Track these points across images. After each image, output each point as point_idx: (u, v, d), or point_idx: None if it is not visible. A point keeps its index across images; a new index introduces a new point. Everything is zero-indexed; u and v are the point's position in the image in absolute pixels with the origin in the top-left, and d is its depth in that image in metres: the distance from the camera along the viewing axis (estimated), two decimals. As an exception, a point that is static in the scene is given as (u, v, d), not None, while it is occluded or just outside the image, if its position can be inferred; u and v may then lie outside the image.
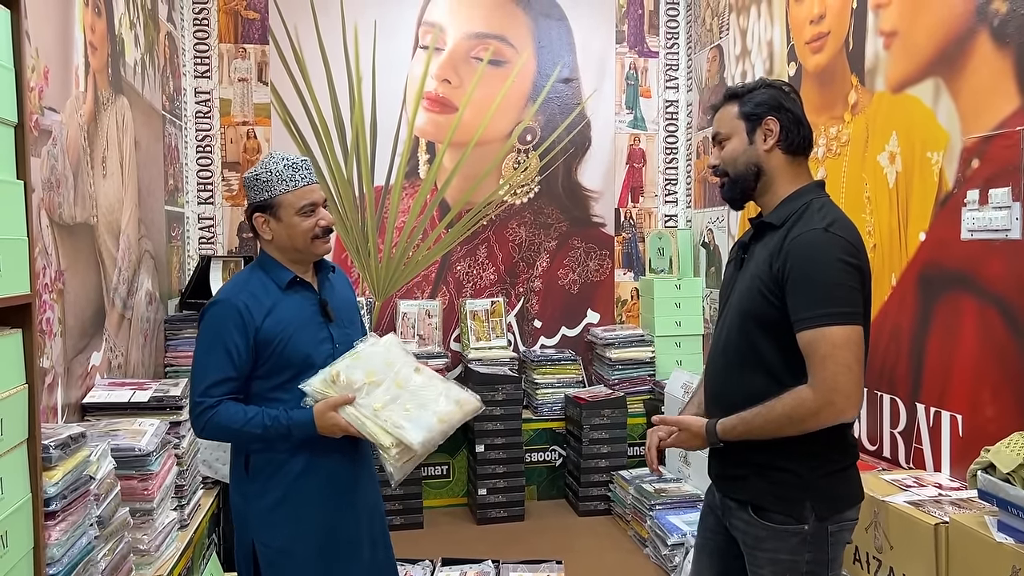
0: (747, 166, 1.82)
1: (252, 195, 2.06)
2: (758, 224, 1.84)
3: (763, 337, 1.75)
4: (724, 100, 1.88)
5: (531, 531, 4.15)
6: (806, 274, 1.67)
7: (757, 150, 1.81)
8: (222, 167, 4.57)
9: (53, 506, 1.70)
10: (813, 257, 1.68)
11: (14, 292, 1.50)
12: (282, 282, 2.06)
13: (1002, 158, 2.45)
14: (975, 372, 2.56)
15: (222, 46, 4.55)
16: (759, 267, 1.76)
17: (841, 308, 1.65)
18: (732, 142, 1.84)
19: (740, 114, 1.83)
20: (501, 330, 4.72)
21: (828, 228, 1.70)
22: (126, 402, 2.65)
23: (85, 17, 2.74)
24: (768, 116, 1.80)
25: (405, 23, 4.72)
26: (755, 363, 1.76)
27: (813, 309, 1.65)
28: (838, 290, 1.66)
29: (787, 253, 1.70)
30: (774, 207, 1.81)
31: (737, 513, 1.83)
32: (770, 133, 1.80)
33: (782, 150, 1.81)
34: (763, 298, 1.73)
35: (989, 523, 2.04)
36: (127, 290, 3.17)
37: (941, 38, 2.71)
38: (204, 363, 2.00)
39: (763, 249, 1.78)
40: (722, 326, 1.87)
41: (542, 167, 4.89)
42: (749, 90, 1.84)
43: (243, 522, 2.06)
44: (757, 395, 1.73)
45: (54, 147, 2.40)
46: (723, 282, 1.97)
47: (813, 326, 1.65)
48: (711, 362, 1.91)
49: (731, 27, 4.35)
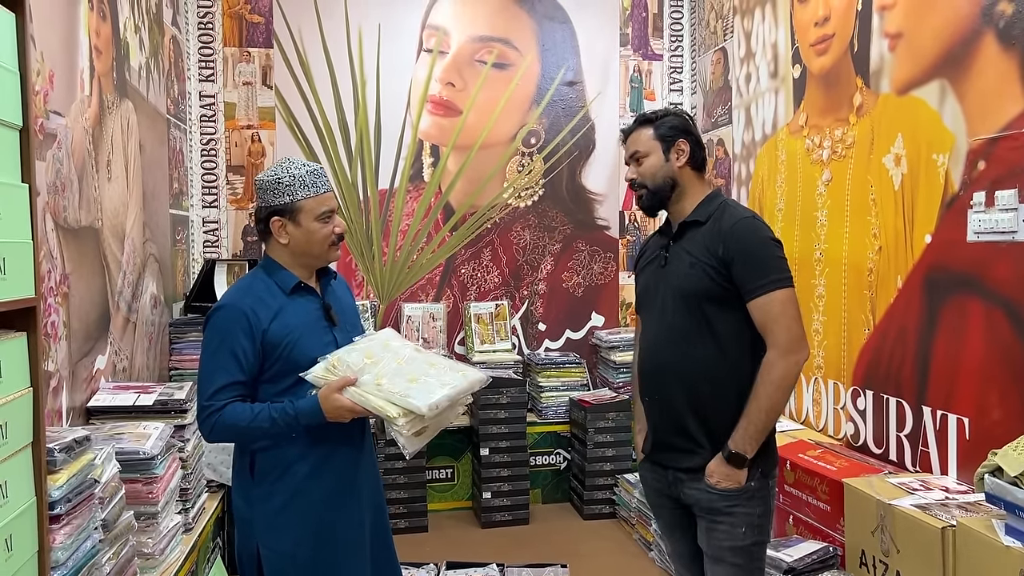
0: (664, 179, 2.14)
1: (270, 198, 2.04)
2: (682, 224, 2.13)
3: (711, 310, 2.04)
4: (638, 124, 2.19)
5: (536, 535, 4.14)
6: (749, 251, 2.01)
7: (672, 166, 2.14)
8: (226, 171, 4.57)
9: (58, 510, 1.71)
10: (751, 239, 2.02)
11: (19, 295, 1.50)
12: (287, 286, 2.06)
13: (1008, 160, 2.44)
14: (982, 375, 2.55)
15: (226, 50, 4.56)
16: (698, 254, 2.05)
17: (781, 275, 2.00)
18: (650, 159, 2.15)
19: (656, 136, 2.15)
20: (505, 333, 4.71)
21: (754, 217, 2.09)
22: (131, 405, 2.66)
23: (90, 21, 2.74)
24: (680, 139, 2.14)
25: (409, 26, 4.72)
26: (702, 335, 2.05)
27: (761, 279, 1.99)
28: (776, 261, 2.02)
29: (727, 238, 2.02)
30: (690, 211, 2.13)
31: (689, 483, 2.08)
32: (682, 152, 2.14)
33: (690, 167, 2.15)
34: (709, 279, 2.03)
35: (996, 527, 2.03)
36: (132, 293, 3.17)
37: (946, 40, 2.71)
38: (211, 367, 1.99)
39: (691, 242, 2.09)
40: (661, 312, 2.13)
41: (546, 170, 4.89)
42: (660, 116, 2.17)
43: (247, 526, 2.06)
44: (706, 362, 2.04)
45: (59, 151, 2.40)
46: (643, 281, 2.24)
47: (764, 292, 1.98)
48: (655, 345, 2.15)
49: (735, 29, 4.34)
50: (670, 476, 2.13)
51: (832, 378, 3.37)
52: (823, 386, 3.44)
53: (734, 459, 2.00)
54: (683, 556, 2.23)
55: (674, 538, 2.24)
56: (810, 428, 3.51)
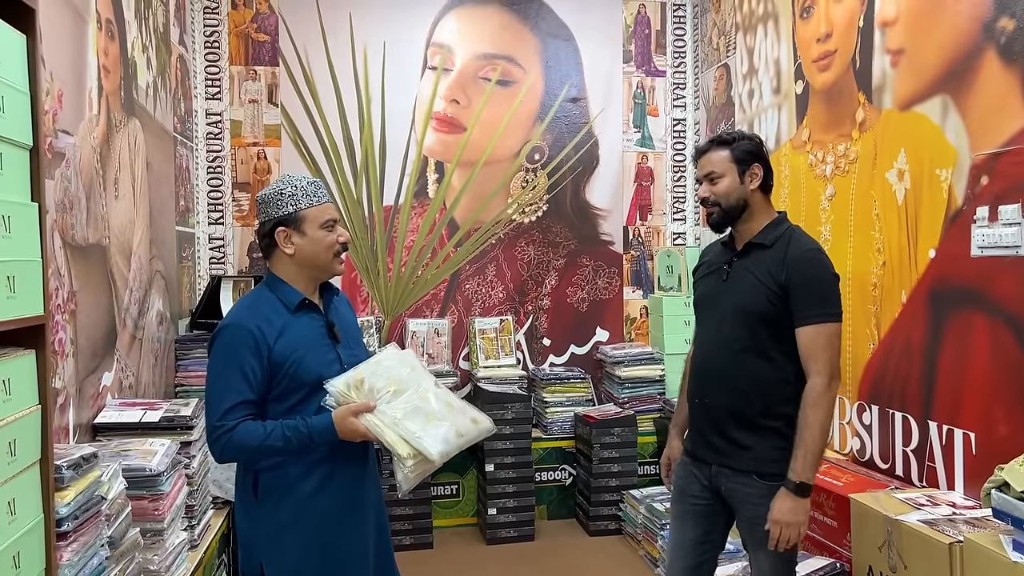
0: (737, 200, 2.25)
1: (273, 210, 2.06)
2: (748, 244, 2.25)
3: (764, 329, 2.17)
4: (715, 145, 2.29)
5: (541, 551, 4.12)
6: (811, 282, 2.15)
7: (746, 188, 2.25)
8: (232, 188, 4.60)
9: (65, 527, 1.71)
10: (814, 271, 2.17)
11: (28, 313, 1.51)
12: (292, 303, 2.07)
13: (1011, 175, 2.45)
14: (987, 389, 2.54)
15: (233, 68, 4.59)
16: (761, 276, 2.18)
17: (835, 309, 2.15)
18: (725, 180, 2.25)
19: (732, 158, 2.25)
20: (510, 348, 4.72)
21: (819, 250, 2.21)
22: (137, 422, 2.66)
23: (98, 41, 2.77)
24: (755, 163, 2.25)
25: (414, 44, 4.76)
26: (756, 350, 2.18)
27: (814, 309, 2.12)
28: (833, 296, 2.16)
29: (791, 266, 2.15)
30: (757, 232, 2.25)
31: (735, 478, 2.22)
32: (755, 176, 2.25)
33: (761, 190, 2.27)
34: (768, 301, 2.16)
35: (1004, 542, 2.02)
36: (138, 310, 3.19)
37: (948, 56, 2.72)
38: (219, 387, 1.98)
39: (756, 263, 2.22)
40: (719, 323, 2.27)
41: (550, 186, 4.91)
42: (736, 139, 2.27)
43: (250, 545, 2.05)
44: (757, 374, 2.18)
45: (67, 169, 2.43)
46: (704, 289, 2.38)
47: (815, 322, 2.12)
48: (708, 353, 2.31)
49: (738, 46, 4.37)
50: (713, 469, 2.28)
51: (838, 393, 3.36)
52: (829, 401, 3.43)
53: (800, 489, 2.09)
54: (687, 543, 2.36)
55: (685, 526, 2.36)
56: (816, 443, 3.50)
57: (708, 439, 2.29)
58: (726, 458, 2.24)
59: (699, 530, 2.34)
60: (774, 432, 2.18)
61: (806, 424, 2.10)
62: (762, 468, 2.18)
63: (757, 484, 2.18)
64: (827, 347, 2.12)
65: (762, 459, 2.18)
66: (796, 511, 2.09)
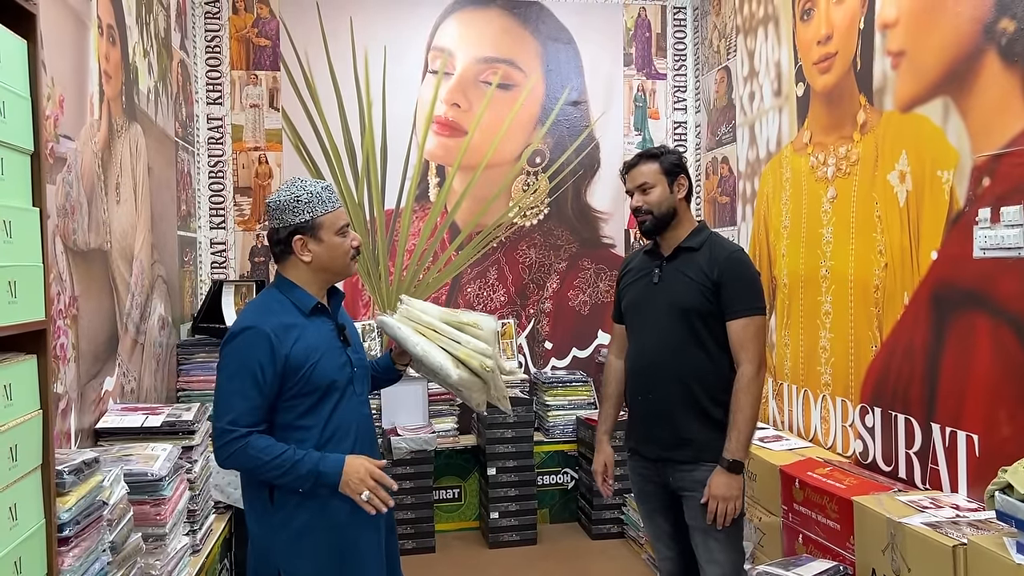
0: (668, 209, 2.47)
1: (289, 218, 2.05)
2: (677, 248, 2.47)
3: (700, 323, 2.39)
4: (644, 159, 2.50)
5: (544, 555, 4.12)
6: (739, 279, 2.38)
7: (675, 198, 2.48)
8: (234, 192, 4.60)
9: (67, 532, 1.70)
10: (742, 269, 2.41)
11: (29, 318, 1.51)
12: (306, 307, 2.07)
13: (1013, 176, 2.44)
14: (990, 391, 2.54)
15: (234, 73, 4.60)
16: (694, 275, 2.41)
17: (761, 303, 2.39)
18: (656, 190, 2.46)
19: (662, 170, 2.47)
20: (512, 352, 4.71)
21: (744, 251, 2.47)
22: (139, 427, 2.66)
23: (100, 46, 2.78)
24: (681, 174, 2.49)
25: (414, 48, 4.76)
26: (694, 342, 2.39)
27: (744, 303, 2.36)
28: (759, 292, 2.41)
29: (722, 265, 2.38)
30: (684, 237, 2.47)
31: (680, 467, 2.40)
32: (682, 187, 2.49)
33: (685, 200, 2.51)
34: (702, 296, 2.39)
35: (1008, 544, 2.02)
36: (140, 315, 3.19)
37: (949, 57, 2.72)
38: (231, 390, 1.97)
39: (686, 264, 2.44)
40: (655, 322, 2.46)
41: (551, 189, 4.91)
42: (663, 153, 2.50)
43: (266, 552, 2.04)
44: (697, 365, 2.38)
45: (69, 174, 2.43)
46: (633, 295, 2.58)
47: (745, 315, 2.36)
48: (648, 351, 2.48)
49: (738, 48, 4.37)
50: (659, 464, 2.46)
51: (840, 395, 3.36)
52: (831, 404, 3.43)
53: (734, 466, 2.30)
54: (664, 536, 2.55)
55: (656, 522, 2.56)
56: (818, 446, 3.50)
57: (652, 432, 2.46)
58: (670, 450, 2.42)
59: (669, 523, 2.51)
60: (715, 418, 2.37)
61: (739, 407, 2.31)
62: (703, 455, 2.36)
63: (701, 468, 2.36)
64: (755, 338, 2.35)
65: (705, 446, 2.37)
66: (731, 486, 2.29)
